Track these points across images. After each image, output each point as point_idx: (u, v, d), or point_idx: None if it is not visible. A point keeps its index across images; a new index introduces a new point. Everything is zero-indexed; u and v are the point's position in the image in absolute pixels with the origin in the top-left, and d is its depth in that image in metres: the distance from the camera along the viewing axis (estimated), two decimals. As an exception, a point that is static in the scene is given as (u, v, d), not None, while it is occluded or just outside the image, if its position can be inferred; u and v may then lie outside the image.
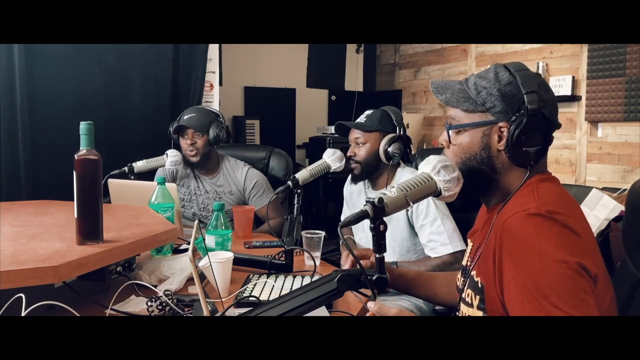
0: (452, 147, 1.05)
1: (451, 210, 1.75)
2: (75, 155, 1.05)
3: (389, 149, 1.79)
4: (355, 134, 1.86)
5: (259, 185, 2.27)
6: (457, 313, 1.06)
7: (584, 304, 0.81)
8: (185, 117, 2.22)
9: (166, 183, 1.68)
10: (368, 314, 0.98)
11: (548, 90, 0.99)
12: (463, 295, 1.04)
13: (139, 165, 2.10)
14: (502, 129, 0.98)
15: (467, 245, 1.17)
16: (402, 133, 1.83)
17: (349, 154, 1.87)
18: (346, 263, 1.25)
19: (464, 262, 1.13)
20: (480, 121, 1.00)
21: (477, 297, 0.98)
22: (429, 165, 0.98)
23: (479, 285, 0.98)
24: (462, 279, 1.10)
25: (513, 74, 0.99)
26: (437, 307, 1.66)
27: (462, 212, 1.85)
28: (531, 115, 0.96)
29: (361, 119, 1.88)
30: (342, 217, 2.11)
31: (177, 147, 2.26)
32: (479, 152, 1.01)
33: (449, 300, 1.26)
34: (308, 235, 1.60)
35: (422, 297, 1.32)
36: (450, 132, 1.04)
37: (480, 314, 0.97)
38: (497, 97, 0.98)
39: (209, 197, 2.27)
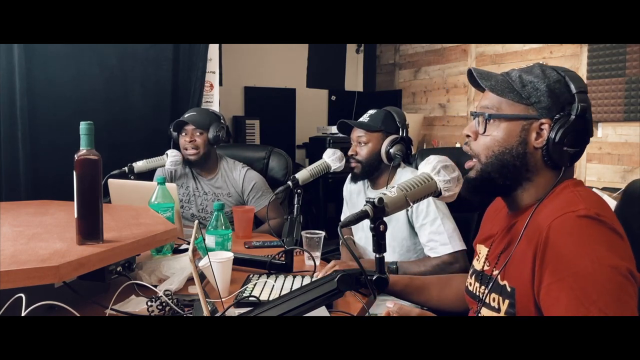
0: (484, 139, 1.00)
1: (451, 210, 1.75)
2: (75, 155, 1.05)
3: (390, 150, 1.79)
4: (357, 133, 1.86)
5: (257, 187, 2.26)
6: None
7: (629, 310, 0.80)
8: (186, 115, 2.23)
9: (166, 183, 1.68)
10: (384, 313, 0.97)
11: (589, 98, 0.98)
12: (487, 300, 1.02)
13: (139, 165, 2.10)
14: (542, 126, 0.96)
15: (471, 251, 1.16)
16: (404, 134, 1.83)
17: (350, 152, 1.87)
18: (329, 269, 1.24)
19: (478, 267, 1.11)
20: (523, 114, 0.97)
21: (506, 301, 0.96)
22: (429, 166, 0.98)
23: (508, 289, 0.96)
24: (478, 283, 1.08)
25: (561, 73, 0.97)
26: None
27: (462, 212, 1.86)
28: (579, 116, 0.94)
29: (364, 118, 1.88)
30: (342, 217, 2.11)
31: (177, 147, 2.26)
32: (515, 147, 0.97)
33: (441, 305, 1.27)
34: (308, 235, 1.60)
35: (416, 303, 1.32)
36: (487, 121, 0.99)
37: None
38: (543, 93, 0.96)
39: (208, 198, 2.27)
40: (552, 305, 0.85)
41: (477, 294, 1.07)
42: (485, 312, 1.03)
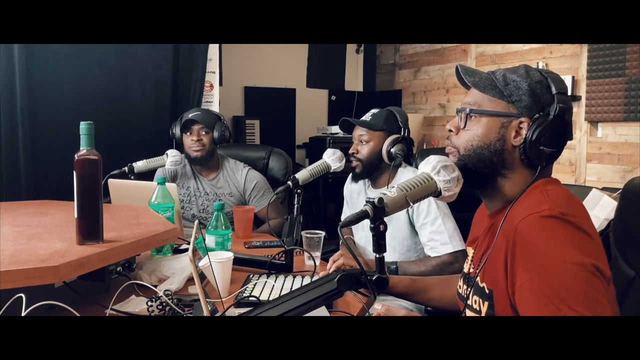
0: (464, 134, 1.02)
1: (452, 210, 1.75)
2: (75, 155, 1.05)
3: (392, 150, 1.79)
4: (359, 132, 1.86)
5: (259, 186, 2.27)
6: None
7: (600, 306, 0.81)
8: (191, 114, 2.23)
9: (166, 183, 1.68)
10: (374, 314, 0.98)
11: (569, 100, 0.99)
12: (469, 302, 1.03)
13: (139, 165, 2.10)
14: (521, 125, 0.97)
15: (467, 253, 1.17)
16: (406, 134, 1.83)
17: (351, 151, 1.87)
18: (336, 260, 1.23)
19: (465, 269, 1.12)
20: (503, 112, 0.99)
21: (486, 303, 0.97)
22: (429, 165, 0.98)
23: (486, 291, 0.97)
24: (465, 286, 1.09)
25: (544, 74, 0.99)
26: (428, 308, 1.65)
27: (463, 212, 1.85)
28: (557, 116, 0.95)
29: (367, 117, 1.88)
30: (342, 217, 2.11)
31: (178, 147, 2.26)
32: (493, 143, 0.99)
33: (442, 305, 1.27)
34: (308, 235, 1.60)
35: (417, 303, 1.33)
36: (467, 116, 1.01)
37: None
38: (525, 92, 0.97)
39: (209, 198, 2.27)
40: (525, 306, 0.87)
41: (464, 295, 1.09)
42: (469, 314, 1.04)
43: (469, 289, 1.05)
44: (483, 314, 0.98)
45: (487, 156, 0.99)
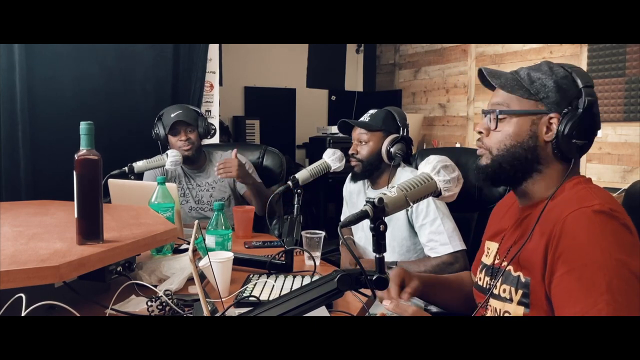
0: (495, 134, 1.04)
1: (451, 210, 1.75)
2: (76, 155, 1.05)
3: (391, 149, 1.79)
4: (358, 132, 1.86)
5: (248, 165, 2.32)
6: (486, 310, 1.06)
7: (634, 309, 0.83)
8: (173, 114, 2.23)
9: (166, 183, 1.68)
10: (379, 314, 0.98)
11: (595, 93, 1.01)
12: (495, 292, 1.04)
13: (139, 165, 2.10)
14: (551, 120, 0.99)
15: (471, 251, 1.16)
16: (405, 134, 1.83)
17: (350, 151, 1.87)
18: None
19: (488, 262, 1.12)
20: (532, 110, 1.00)
21: (520, 291, 0.98)
22: (429, 165, 0.99)
23: (522, 280, 0.98)
24: (488, 277, 1.10)
25: (568, 69, 1.01)
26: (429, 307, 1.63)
27: (462, 212, 1.86)
28: (586, 109, 0.97)
29: (365, 117, 1.88)
30: (342, 217, 2.11)
31: (164, 149, 2.26)
32: (526, 140, 1.00)
33: (454, 306, 1.26)
34: (308, 235, 1.60)
35: (434, 302, 1.27)
36: (498, 117, 1.03)
37: (521, 309, 0.98)
38: (551, 88, 0.99)
39: (202, 189, 2.31)
40: (561, 296, 0.88)
41: (487, 287, 1.09)
42: (493, 302, 1.04)
43: (493, 280, 1.06)
44: (514, 303, 0.99)
45: (522, 154, 1.01)
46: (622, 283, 0.83)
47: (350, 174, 1.98)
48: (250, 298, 1.22)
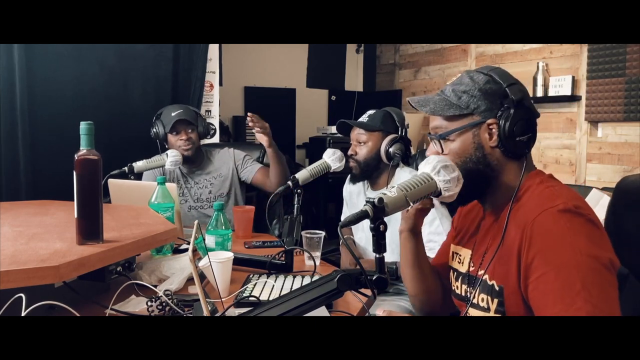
0: (445, 155, 1.05)
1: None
2: (75, 155, 1.05)
3: (390, 150, 1.79)
4: (357, 133, 1.87)
5: (246, 157, 2.36)
6: None
7: (611, 300, 0.84)
8: (174, 113, 2.24)
9: (166, 183, 1.68)
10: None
11: (521, 84, 1.03)
12: (475, 301, 1.03)
13: (139, 165, 2.10)
14: (491, 126, 1.00)
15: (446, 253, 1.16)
16: (404, 134, 1.83)
17: (349, 152, 1.87)
18: None
19: (463, 269, 1.12)
20: (468, 124, 1.02)
21: (495, 300, 0.98)
22: (429, 165, 0.99)
23: (496, 288, 0.98)
24: (465, 286, 1.09)
25: (487, 73, 1.03)
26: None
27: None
28: (517, 106, 0.99)
29: (364, 118, 1.88)
30: (342, 218, 2.11)
31: (163, 148, 2.26)
32: (473, 153, 1.02)
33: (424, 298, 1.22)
34: (308, 235, 1.60)
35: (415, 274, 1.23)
36: (441, 141, 1.05)
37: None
38: (479, 97, 1.01)
39: (200, 186, 2.31)
40: (539, 298, 0.88)
41: (465, 295, 1.09)
42: (473, 312, 1.04)
43: (471, 289, 1.05)
44: (492, 312, 0.98)
45: (473, 167, 1.02)
46: (595, 277, 0.84)
47: (349, 175, 1.98)
48: (250, 298, 1.22)
